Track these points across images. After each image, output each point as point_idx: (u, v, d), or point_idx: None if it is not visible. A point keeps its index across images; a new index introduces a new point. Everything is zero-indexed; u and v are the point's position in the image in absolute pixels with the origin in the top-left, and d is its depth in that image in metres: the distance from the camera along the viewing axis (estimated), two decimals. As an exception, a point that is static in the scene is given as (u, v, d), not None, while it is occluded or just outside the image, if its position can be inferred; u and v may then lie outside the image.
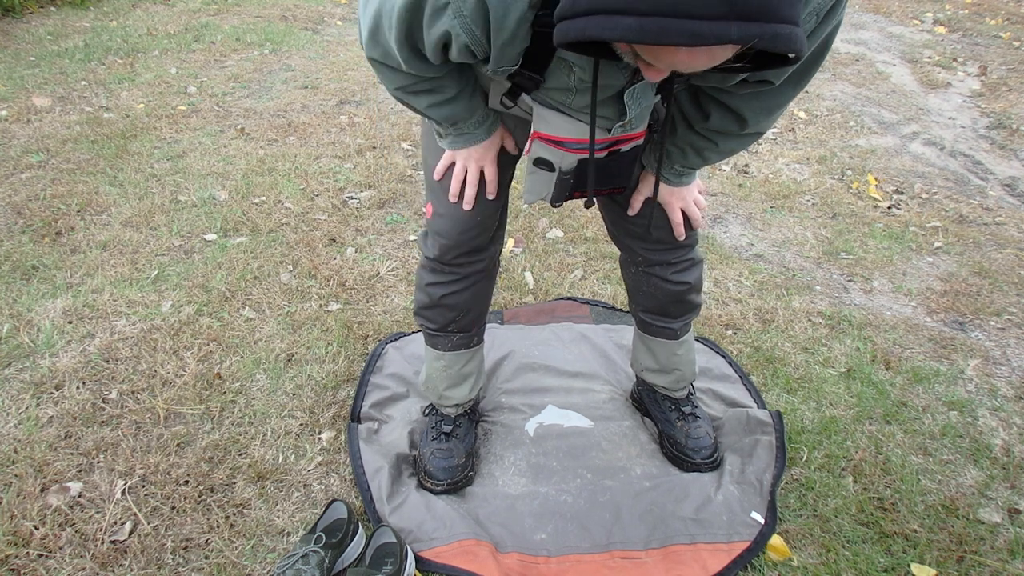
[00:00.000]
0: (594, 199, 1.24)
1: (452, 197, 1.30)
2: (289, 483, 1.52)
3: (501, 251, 1.47)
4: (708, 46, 0.67)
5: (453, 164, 1.28)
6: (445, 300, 1.43)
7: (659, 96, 1.13)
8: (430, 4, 0.89)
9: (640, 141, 1.20)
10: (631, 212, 1.36)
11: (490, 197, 1.31)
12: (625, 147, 1.19)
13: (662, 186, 1.31)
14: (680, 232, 1.37)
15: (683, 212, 1.35)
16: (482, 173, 1.28)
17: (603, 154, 1.17)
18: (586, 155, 1.16)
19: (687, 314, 1.52)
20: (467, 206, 1.30)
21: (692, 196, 1.35)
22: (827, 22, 0.93)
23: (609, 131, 1.11)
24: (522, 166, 1.29)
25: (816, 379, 1.86)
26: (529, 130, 1.18)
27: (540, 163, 1.19)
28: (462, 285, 1.42)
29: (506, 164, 1.36)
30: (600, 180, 1.23)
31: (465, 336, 1.51)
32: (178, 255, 2.31)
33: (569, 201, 1.28)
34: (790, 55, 0.71)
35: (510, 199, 1.47)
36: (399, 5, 0.91)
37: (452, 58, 0.98)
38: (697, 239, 1.44)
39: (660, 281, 1.45)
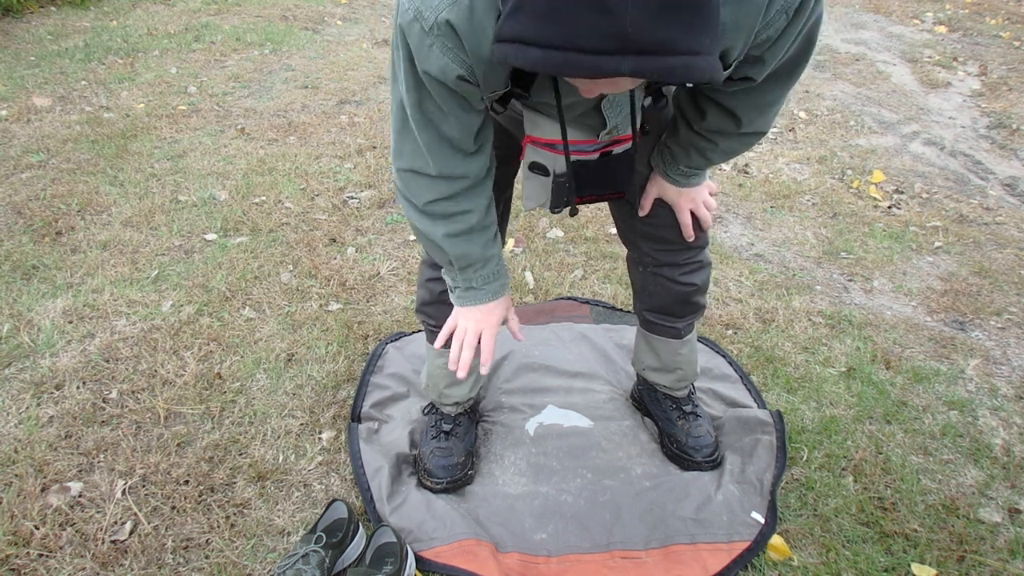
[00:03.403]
0: (578, 208, 1.25)
1: (452, 365, 1.28)
2: (289, 483, 1.52)
3: (502, 250, 1.47)
4: (608, 78, 0.70)
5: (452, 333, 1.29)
6: (445, 296, 1.43)
7: (649, 99, 1.14)
8: (420, 53, 0.92)
9: (630, 145, 1.20)
10: (641, 213, 1.37)
11: (483, 371, 1.29)
12: (617, 150, 1.19)
13: (671, 187, 1.31)
14: (689, 233, 1.36)
15: (693, 213, 1.35)
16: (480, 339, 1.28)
17: (595, 155, 1.18)
18: (578, 156, 1.17)
19: (692, 314, 1.52)
20: (461, 374, 1.27)
21: (702, 197, 1.34)
22: (799, 18, 0.92)
23: (597, 137, 1.12)
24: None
25: (816, 379, 1.86)
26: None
27: (535, 167, 1.20)
28: None
29: (510, 160, 1.37)
30: (596, 184, 1.24)
31: None
32: (178, 255, 2.31)
33: (568, 207, 1.28)
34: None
35: (511, 199, 1.47)
36: (402, 72, 0.97)
37: (464, 95, 0.99)
38: (707, 241, 1.43)
39: (667, 282, 1.45)
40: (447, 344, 1.30)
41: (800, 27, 0.94)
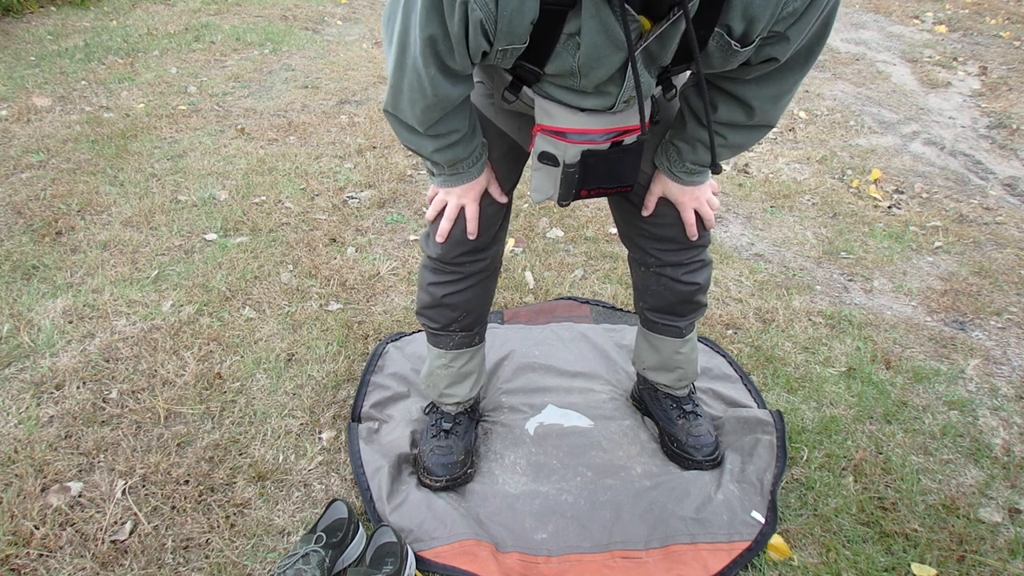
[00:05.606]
0: (579, 197, 1.25)
1: (439, 237, 1.35)
2: (289, 483, 1.52)
3: (503, 251, 1.47)
4: None
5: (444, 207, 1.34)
6: (447, 300, 1.43)
7: (659, 87, 1.13)
8: None
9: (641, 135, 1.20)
10: (645, 212, 1.37)
11: (470, 237, 1.34)
12: (627, 140, 1.19)
13: (675, 185, 1.31)
14: (693, 232, 1.37)
15: (696, 212, 1.35)
16: (463, 210, 1.32)
17: (605, 145, 1.18)
18: (589, 145, 1.16)
19: (694, 313, 1.52)
20: (439, 239, 1.35)
21: (706, 196, 1.35)
22: None
23: (611, 107, 1.11)
24: (529, 163, 1.30)
25: (816, 379, 1.86)
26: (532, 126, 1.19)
27: (544, 158, 1.20)
28: (464, 285, 1.42)
29: (514, 163, 1.37)
30: (605, 177, 1.23)
31: (467, 335, 1.51)
32: (178, 255, 2.31)
33: (576, 201, 1.28)
34: None
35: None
36: (420, 5, 0.94)
37: (471, 47, 0.98)
38: (709, 240, 1.44)
39: (671, 281, 1.45)
40: (437, 218, 1.35)
41: (823, 6, 0.96)
